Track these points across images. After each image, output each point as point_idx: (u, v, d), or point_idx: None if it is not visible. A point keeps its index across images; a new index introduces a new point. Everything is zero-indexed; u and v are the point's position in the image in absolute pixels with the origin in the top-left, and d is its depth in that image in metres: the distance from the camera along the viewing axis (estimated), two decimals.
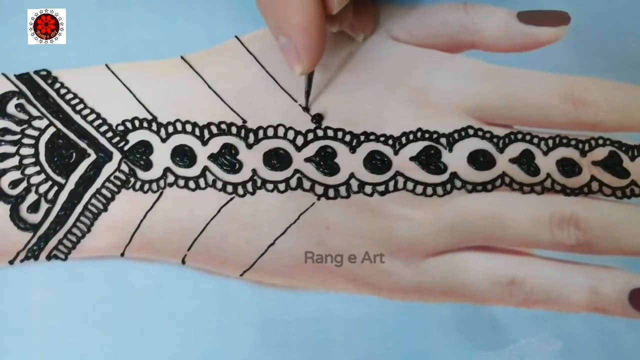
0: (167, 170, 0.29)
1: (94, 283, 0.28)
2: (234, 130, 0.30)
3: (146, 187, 0.29)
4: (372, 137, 0.30)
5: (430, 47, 0.33)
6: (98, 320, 0.27)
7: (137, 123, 0.30)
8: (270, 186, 0.29)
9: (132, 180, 0.29)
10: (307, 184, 0.30)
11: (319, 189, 0.29)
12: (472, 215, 0.30)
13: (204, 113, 0.30)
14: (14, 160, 0.29)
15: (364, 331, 0.28)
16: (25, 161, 0.29)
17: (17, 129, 0.29)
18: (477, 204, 0.30)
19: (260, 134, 0.30)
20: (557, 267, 0.30)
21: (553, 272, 0.29)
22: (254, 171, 0.30)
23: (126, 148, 0.30)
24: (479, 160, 0.31)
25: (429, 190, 0.30)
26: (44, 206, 0.28)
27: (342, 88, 0.31)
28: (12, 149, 0.29)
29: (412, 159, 0.30)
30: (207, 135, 0.30)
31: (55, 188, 0.29)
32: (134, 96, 0.30)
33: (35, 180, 0.29)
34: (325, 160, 0.30)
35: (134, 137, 0.30)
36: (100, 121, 0.30)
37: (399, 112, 0.31)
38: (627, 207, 0.31)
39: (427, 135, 0.31)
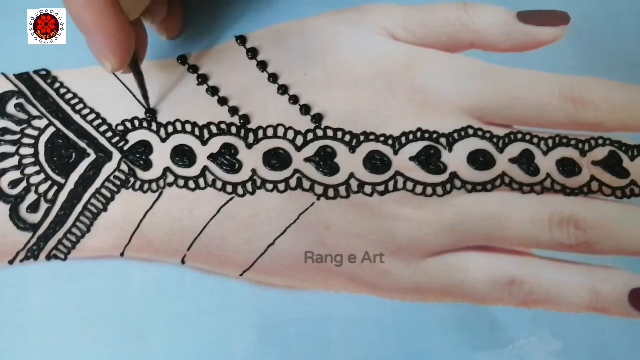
0: (167, 170, 0.29)
1: (94, 283, 0.28)
2: (233, 130, 0.30)
3: (146, 187, 0.29)
4: (372, 137, 0.30)
5: (430, 47, 0.33)
6: (98, 320, 0.27)
7: (136, 123, 0.30)
8: (270, 186, 0.29)
9: (132, 180, 0.29)
10: (307, 184, 0.30)
11: (319, 189, 0.29)
12: (472, 215, 0.30)
13: (204, 113, 0.30)
14: (14, 160, 0.29)
15: (364, 331, 0.28)
16: (25, 161, 0.29)
17: (17, 128, 0.29)
18: (477, 204, 0.30)
19: (260, 134, 0.30)
20: (557, 267, 0.30)
21: (553, 272, 0.29)
22: (254, 171, 0.30)
23: (126, 148, 0.29)
24: (479, 160, 0.31)
25: (429, 190, 0.30)
26: (43, 206, 0.28)
27: (342, 88, 0.31)
28: (12, 149, 0.29)
29: (412, 159, 0.30)
30: (207, 135, 0.30)
31: (55, 188, 0.29)
32: (134, 96, 0.30)
33: (35, 180, 0.29)
34: (325, 160, 0.30)
35: (133, 137, 0.30)
36: (100, 121, 0.30)
37: (399, 112, 0.31)
38: (627, 207, 0.31)
39: (427, 135, 0.31)
